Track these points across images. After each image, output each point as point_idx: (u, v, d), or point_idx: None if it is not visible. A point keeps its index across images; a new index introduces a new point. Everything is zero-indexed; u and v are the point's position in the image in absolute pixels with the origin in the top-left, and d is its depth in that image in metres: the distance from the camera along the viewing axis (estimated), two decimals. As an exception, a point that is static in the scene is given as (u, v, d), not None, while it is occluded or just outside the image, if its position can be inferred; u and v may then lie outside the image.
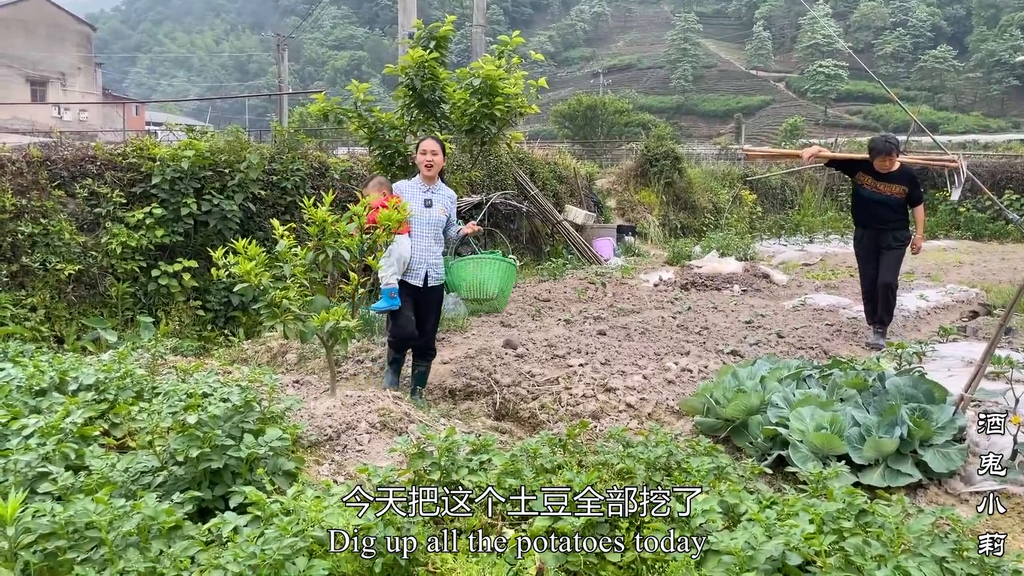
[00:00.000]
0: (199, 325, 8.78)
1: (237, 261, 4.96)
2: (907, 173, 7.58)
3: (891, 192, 7.52)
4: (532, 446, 3.76)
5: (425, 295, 6.03)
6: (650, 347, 7.38)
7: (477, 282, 6.63)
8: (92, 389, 4.81)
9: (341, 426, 5.24)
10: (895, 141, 7.62)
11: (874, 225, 7.66)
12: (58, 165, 8.53)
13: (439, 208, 6.02)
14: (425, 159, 5.91)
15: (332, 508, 3.14)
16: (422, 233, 5.97)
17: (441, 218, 6.04)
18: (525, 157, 15.63)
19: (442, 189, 6.14)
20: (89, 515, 2.89)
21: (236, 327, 8.95)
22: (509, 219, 14.12)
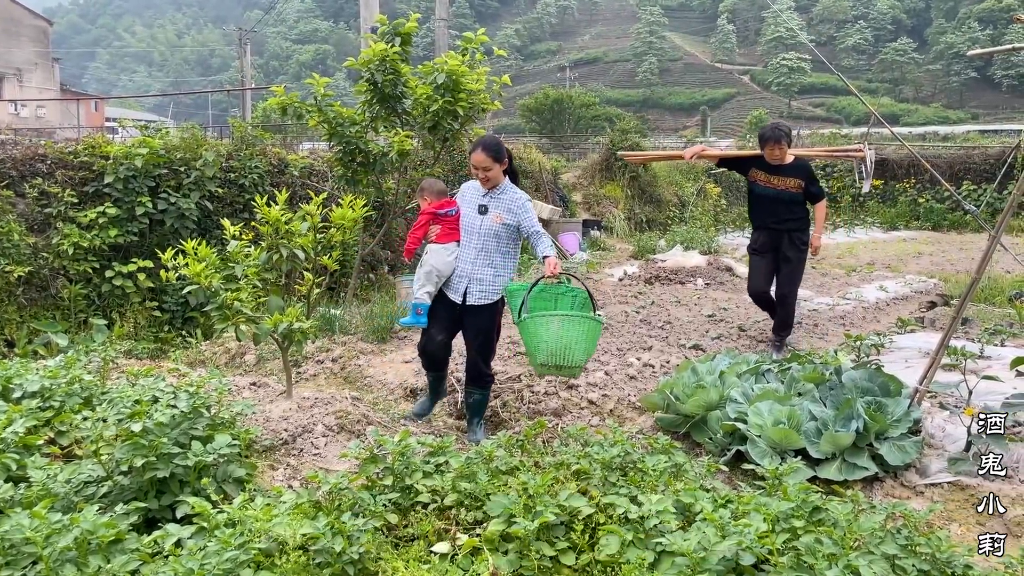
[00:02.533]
0: (156, 326, 8.61)
1: (187, 263, 4.84)
2: (802, 167, 6.95)
3: (786, 186, 6.85)
4: (488, 448, 3.71)
5: (467, 316, 5.13)
6: (613, 343, 7.35)
7: (562, 346, 4.57)
8: (37, 396, 4.66)
9: (297, 429, 5.14)
10: (786, 129, 6.96)
11: (770, 224, 6.96)
12: (6, 164, 8.30)
13: (494, 216, 5.01)
14: (478, 175, 5.02)
15: (281, 516, 3.06)
16: (469, 243, 5.09)
17: (496, 227, 5.01)
18: (489, 152, 15.53)
19: (505, 193, 5.07)
20: (24, 530, 2.78)
21: (194, 328, 8.79)
22: (474, 214, 14.03)
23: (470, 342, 5.20)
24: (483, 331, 5.14)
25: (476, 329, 5.15)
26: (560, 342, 4.57)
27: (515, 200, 5.06)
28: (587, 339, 4.67)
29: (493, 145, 5.00)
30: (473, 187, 5.18)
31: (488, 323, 5.14)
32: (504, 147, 5.05)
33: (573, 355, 4.61)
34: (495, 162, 4.95)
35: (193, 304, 8.80)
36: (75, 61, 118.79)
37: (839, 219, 19.01)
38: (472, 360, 5.22)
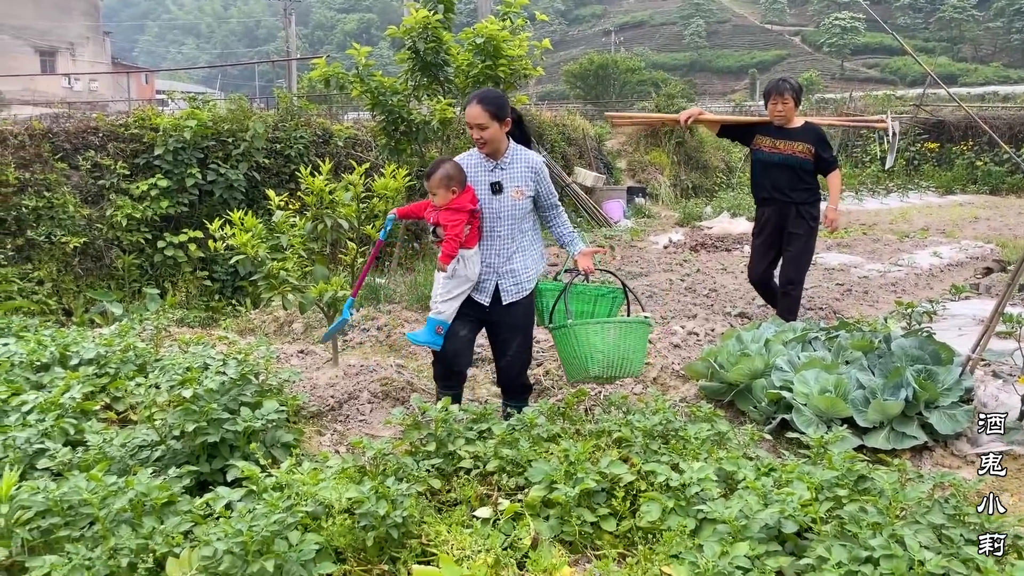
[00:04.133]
0: (206, 295, 8.80)
1: (234, 233, 4.93)
2: (813, 130, 6.22)
3: (793, 151, 6.09)
4: (530, 416, 3.73)
5: (497, 315, 4.29)
6: (657, 311, 7.31)
7: (620, 356, 4.15)
8: (93, 363, 4.82)
9: (343, 396, 5.24)
10: (793, 82, 6.28)
11: (775, 197, 6.20)
12: (60, 137, 8.51)
13: (513, 191, 4.14)
14: (473, 134, 4.07)
15: (328, 481, 3.13)
16: (491, 231, 4.20)
17: (519, 204, 4.17)
18: (532, 119, 15.45)
19: (515, 160, 4.17)
20: (82, 492, 2.89)
21: (243, 297, 8.96)
22: (517, 183, 13.99)
23: (504, 345, 4.35)
24: (520, 329, 4.34)
25: (512, 328, 4.31)
26: (618, 351, 4.17)
27: (529, 164, 4.19)
28: (642, 346, 4.28)
29: (493, 98, 4.05)
30: (473, 162, 4.20)
31: (525, 319, 4.36)
32: (508, 102, 4.13)
33: (632, 364, 4.22)
34: (493, 119, 3.99)
35: (242, 274, 8.98)
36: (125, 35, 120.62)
37: (892, 183, 18.50)
38: (508, 368, 4.39)
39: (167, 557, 2.69)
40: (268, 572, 2.47)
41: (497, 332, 4.36)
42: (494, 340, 4.43)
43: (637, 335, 4.24)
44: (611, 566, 2.69)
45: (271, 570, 2.46)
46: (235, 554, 2.52)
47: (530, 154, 4.23)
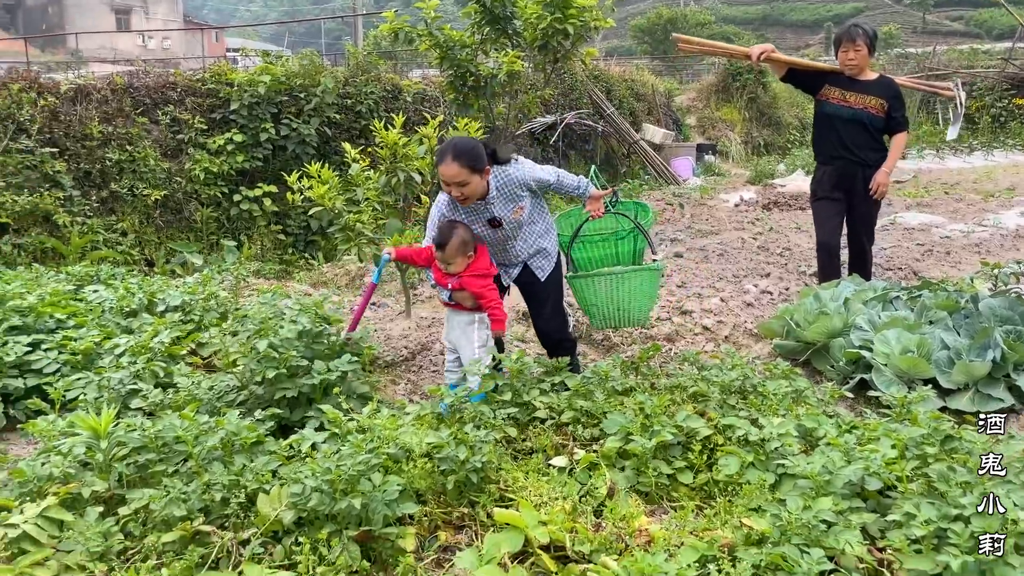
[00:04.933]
0: (280, 249, 9.00)
1: (311, 185, 5.01)
2: (888, 84, 5.61)
3: (864, 105, 5.48)
4: (603, 368, 3.73)
5: (523, 285, 4.24)
6: (728, 269, 7.20)
7: (614, 308, 4.09)
8: (179, 310, 4.99)
9: (416, 347, 5.33)
10: (868, 28, 5.62)
11: (840, 155, 5.58)
12: (141, 92, 8.73)
13: (512, 213, 3.90)
14: (452, 192, 3.73)
15: (406, 427, 3.20)
16: (504, 249, 4.06)
17: (522, 217, 3.97)
18: (601, 74, 15.20)
19: (502, 188, 3.85)
20: (176, 430, 3.02)
21: (316, 251, 9.13)
22: (584, 139, 13.85)
23: (541, 307, 4.22)
24: (552, 292, 4.21)
25: (545, 294, 4.19)
26: (611, 304, 4.11)
27: (516, 181, 3.86)
28: (643, 293, 4.12)
29: (467, 150, 3.64)
30: (457, 207, 3.90)
31: (556, 284, 4.24)
32: (481, 147, 3.72)
33: (629, 314, 4.14)
34: (473, 173, 3.64)
35: (314, 229, 9.15)
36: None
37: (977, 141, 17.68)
38: (547, 327, 4.25)
39: (257, 493, 2.80)
40: (355, 509, 2.55)
41: (532, 301, 4.26)
42: (530, 304, 4.31)
43: (632, 284, 4.06)
44: (689, 517, 2.70)
45: (358, 507, 2.54)
46: (323, 491, 2.60)
47: (510, 170, 3.85)
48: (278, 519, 2.68)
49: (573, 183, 4.09)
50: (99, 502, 2.89)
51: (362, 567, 2.52)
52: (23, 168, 7.40)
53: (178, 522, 2.69)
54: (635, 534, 2.61)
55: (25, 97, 7.67)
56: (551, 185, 4.03)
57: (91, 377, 3.86)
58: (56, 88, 8.10)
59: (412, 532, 2.69)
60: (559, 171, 4.07)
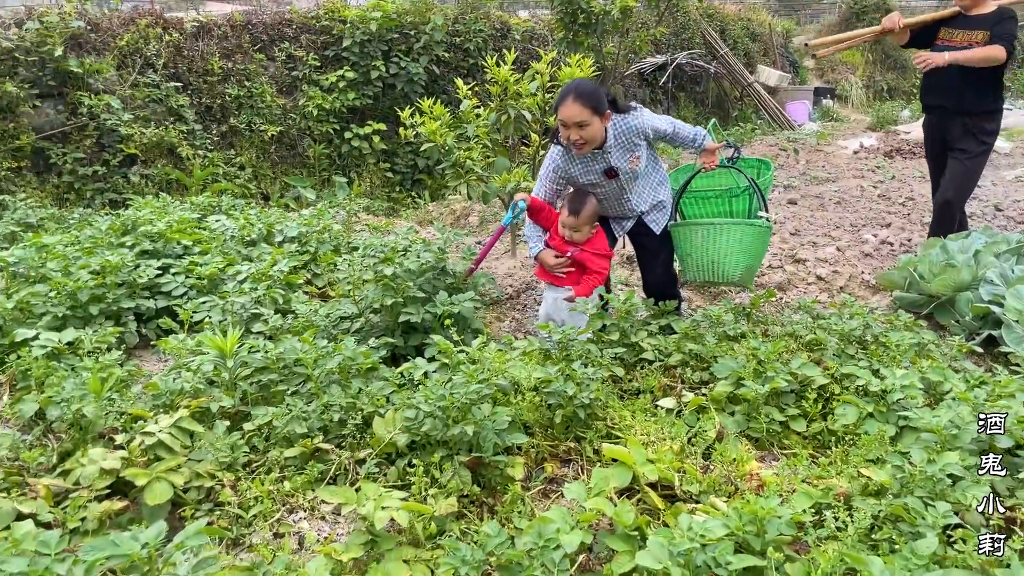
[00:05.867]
0: (388, 187, 9.15)
1: (423, 121, 5.04)
2: (1001, 11, 4.84)
3: (969, 42, 4.84)
4: (716, 313, 3.66)
5: (642, 235, 4.08)
6: (846, 218, 6.90)
7: (708, 261, 3.84)
8: (296, 241, 5.16)
9: (521, 286, 5.35)
10: None
11: (937, 103, 5.06)
12: (258, 29, 8.93)
13: (629, 164, 3.77)
14: (569, 135, 3.58)
15: (514, 361, 3.24)
16: (619, 202, 3.93)
17: (638, 169, 3.82)
18: (715, 13, 14.60)
19: (620, 136, 3.71)
20: (297, 353, 3.14)
21: (422, 189, 9.25)
22: (695, 81, 13.40)
23: (653, 260, 4.11)
24: (666, 248, 4.07)
25: (657, 249, 4.06)
26: (705, 256, 3.86)
27: (634, 130, 3.72)
28: (743, 249, 3.80)
29: (590, 91, 3.53)
30: (572, 160, 3.80)
31: (670, 239, 4.07)
32: (603, 91, 3.61)
33: (723, 269, 3.84)
34: (594, 114, 3.51)
35: (421, 167, 9.25)
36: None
37: None
38: (657, 281, 4.13)
39: (373, 416, 2.90)
40: (467, 436, 2.60)
41: (644, 251, 4.14)
42: (641, 258, 4.20)
43: (730, 238, 3.81)
44: (803, 464, 2.64)
45: (470, 434, 2.60)
46: (436, 417, 2.67)
47: (628, 119, 3.72)
48: (392, 442, 2.78)
49: (689, 133, 3.96)
50: (225, 417, 3.06)
51: (472, 491, 2.58)
52: (150, 102, 7.74)
53: (299, 439, 2.82)
54: (745, 478, 2.58)
55: (151, 32, 7.97)
56: (667, 135, 3.91)
57: (216, 301, 4.06)
58: (180, 24, 8.37)
59: (521, 462, 2.74)
60: (675, 121, 3.94)
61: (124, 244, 4.67)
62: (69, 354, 3.58)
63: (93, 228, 5.02)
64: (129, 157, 7.42)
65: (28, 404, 3.20)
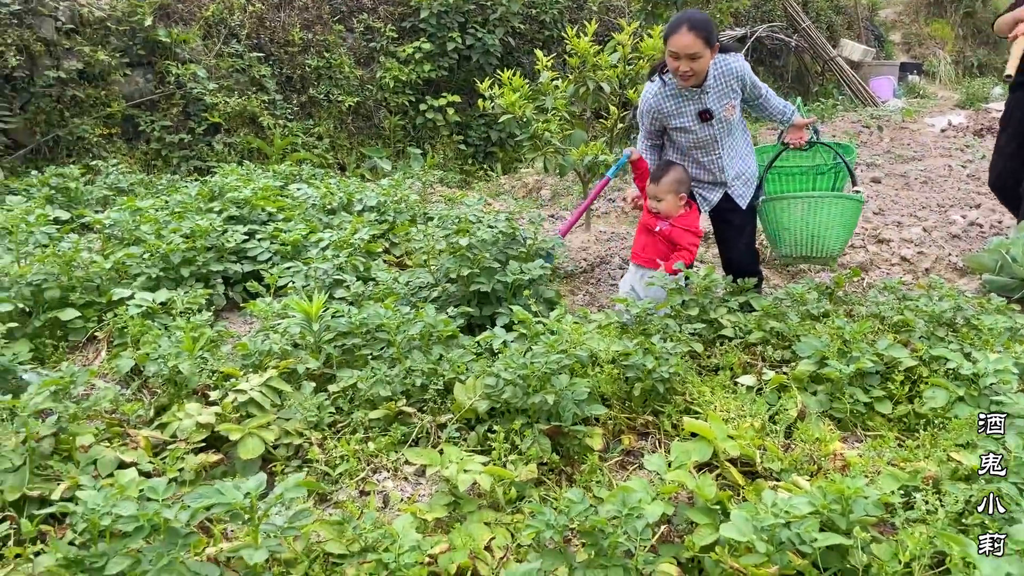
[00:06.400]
0: (460, 159, 9.20)
1: (502, 93, 5.05)
2: None
3: None
4: (799, 291, 3.60)
5: (725, 210, 3.96)
6: (933, 198, 6.66)
7: (808, 235, 3.78)
8: (375, 210, 5.25)
9: (595, 260, 5.35)
10: None
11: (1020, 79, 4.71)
12: (337, 0, 9.03)
13: (725, 110, 3.70)
14: (679, 67, 3.50)
15: (591, 334, 3.25)
16: (706, 155, 3.83)
17: (732, 119, 3.75)
18: (798, -16, 14.14)
19: (719, 76, 3.65)
20: (380, 319, 3.21)
21: (494, 162, 9.27)
22: (775, 55, 13.05)
23: (736, 237, 4.00)
24: (750, 224, 4.03)
25: (742, 226, 3.98)
26: (806, 230, 3.80)
27: (733, 73, 3.66)
28: (842, 223, 3.78)
29: (703, 21, 3.44)
30: (670, 92, 3.70)
31: (754, 216, 4.04)
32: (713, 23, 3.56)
33: (824, 244, 3.81)
34: (706, 46, 3.45)
35: (494, 139, 9.27)
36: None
37: None
38: (740, 259, 4.02)
39: (454, 383, 2.96)
40: (548, 404, 2.63)
41: (727, 227, 4.02)
42: (724, 234, 4.07)
43: (831, 211, 3.77)
44: (889, 446, 2.59)
45: (551, 403, 2.62)
46: (517, 385, 2.70)
47: (730, 60, 3.66)
48: (472, 408, 2.83)
49: (779, 104, 3.90)
50: (310, 378, 3.15)
51: (552, 459, 2.61)
52: (233, 71, 7.93)
53: (383, 402, 2.89)
54: (828, 457, 2.55)
55: (236, 3, 8.15)
56: (760, 97, 3.84)
57: (299, 266, 4.16)
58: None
59: (599, 433, 2.76)
60: (768, 88, 3.87)
61: (212, 209, 4.83)
62: (162, 314, 3.73)
63: (182, 194, 5.19)
64: (213, 125, 7.63)
65: (125, 360, 3.36)
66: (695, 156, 3.84)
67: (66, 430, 2.54)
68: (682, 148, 3.85)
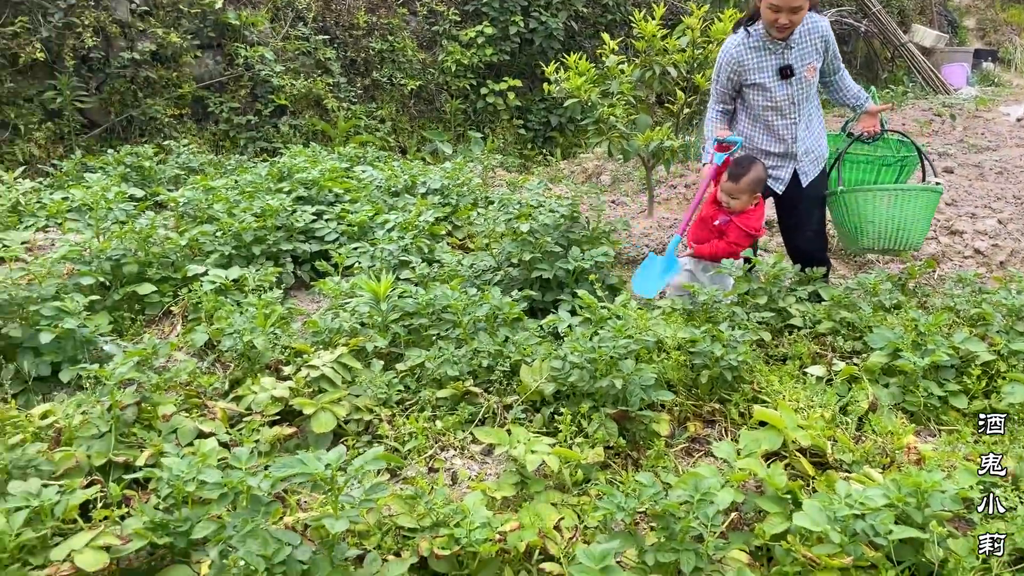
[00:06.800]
0: (520, 143, 9.19)
1: (568, 76, 5.03)
2: None
3: None
4: (872, 281, 3.53)
5: (794, 192, 3.87)
6: (1008, 189, 6.45)
7: (894, 228, 3.69)
8: (438, 193, 5.29)
9: (657, 246, 5.30)
10: None
11: None
12: (425, -17, 9.09)
13: (806, 70, 3.65)
14: (779, 20, 3.47)
15: (656, 320, 3.24)
16: (780, 118, 3.73)
17: (811, 81, 3.70)
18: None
19: (805, 33, 3.62)
20: (447, 300, 3.25)
21: (553, 147, 9.25)
22: (842, 40, 12.70)
23: (805, 221, 3.93)
24: (818, 209, 3.96)
25: (810, 209, 3.90)
26: (891, 223, 3.70)
27: (819, 32, 3.64)
28: (924, 216, 3.72)
29: None
30: (752, 44, 3.65)
31: (822, 200, 3.96)
32: None
33: (909, 237, 3.73)
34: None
35: (554, 124, 9.24)
36: None
37: None
38: (809, 244, 3.96)
39: (520, 365, 2.98)
40: (615, 388, 2.64)
41: (793, 211, 3.93)
42: (790, 220, 3.99)
43: (917, 204, 3.70)
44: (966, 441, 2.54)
45: (619, 387, 2.63)
46: (584, 369, 2.71)
47: (816, 18, 3.63)
48: (538, 390, 2.85)
49: (854, 87, 3.84)
50: (378, 356, 3.21)
51: (618, 443, 2.62)
52: (299, 54, 8.04)
53: (450, 381, 2.93)
54: (902, 451, 2.50)
55: (302, -13, 8.26)
56: (837, 72, 3.81)
57: (366, 247, 4.23)
58: (328, -22, 8.63)
59: (666, 419, 2.75)
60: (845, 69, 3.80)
61: (281, 190, 4.92)
62: (234, 290, 3.83)
63: (252, 174, 5.30)
64: (279, 107, 7.76)
65: (199, 334, 3.46)
66: (768, 120, 3.74)
67: (149, 399, 2.64)
68: (755, 111, 3.76)
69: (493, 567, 2.05)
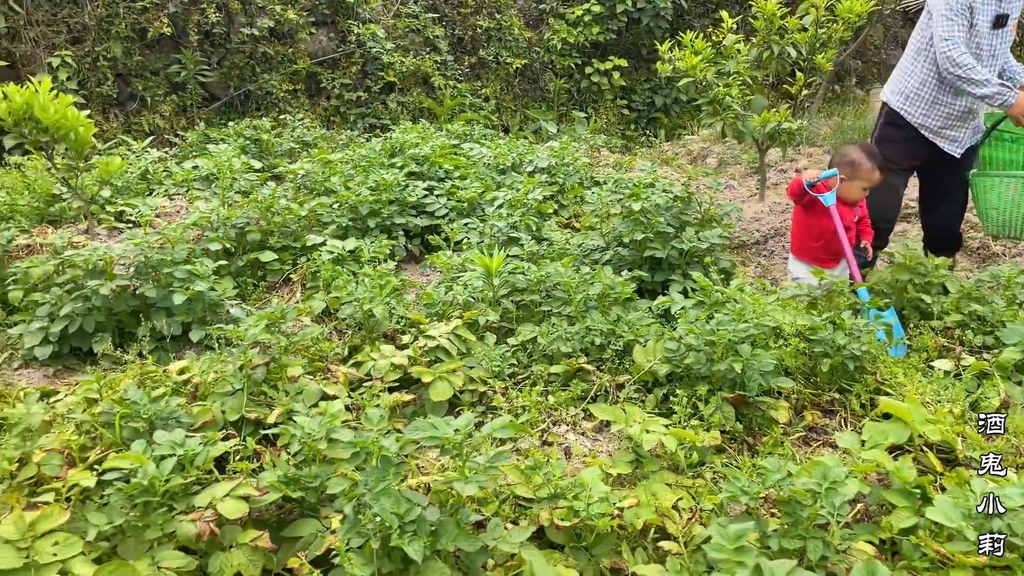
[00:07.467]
0: (623, 124, 9.11)
1: (683, 56, 4.94)
2: None
3: None
4: (1007, 274, 3.35)
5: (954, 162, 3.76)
6: None
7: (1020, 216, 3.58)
8: (546, 172, 5.30)
9: (769, 231, 5.19)
10: None
11: None
12: (508, -38, 9.09)
13: (1012, 24, 3.56)
14: None
15: (773, 306, 3.16)
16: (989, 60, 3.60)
17: (1010, 38, 3.61)
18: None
19: None
20: (560, 277, 3.26)
21: (657, 128, 9.12)
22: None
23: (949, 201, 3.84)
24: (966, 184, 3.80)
25: (960, 182, 3.78)
26: (1018, 211, 3.58)
27: None
28: None
29: None
30: None
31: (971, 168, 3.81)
32: None
33: None
34: None
35: (658, 105, 9.10)
36: None
37: None
38: (952, 218, 3.88)
39: (633, 344, 2.97)
40: (733, 372, 2.60)
41: (941, 183, 3.82)
42: (934, 192, 3.86)
43: None
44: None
45: (738, 371, 2.59)
46: (700, 351, 2.68)
47: None
48: (652, 370, 2.83)
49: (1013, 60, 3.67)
50: (490, 331, 3.25)
51: (734, 428, 2.59)
52: (409, 32, 8.17)
53: (563, 358, 2.95)
54: (1040, 451, 2.38)
55: (414, -35, 8.38)
56: None
57: (476, 223, 4.28)
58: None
59: (785, 406, 2.70)
60: None
61: (394, 165, 5.03)
62: (351, 261, 3.95)
63: (367, 148, 5.43)
64: (388, 84, 7.91)
65: (318, 302, 3.59)
66: None
67: (277, 361, 2.75)
68: None
69: (610, 542, 2.07)
